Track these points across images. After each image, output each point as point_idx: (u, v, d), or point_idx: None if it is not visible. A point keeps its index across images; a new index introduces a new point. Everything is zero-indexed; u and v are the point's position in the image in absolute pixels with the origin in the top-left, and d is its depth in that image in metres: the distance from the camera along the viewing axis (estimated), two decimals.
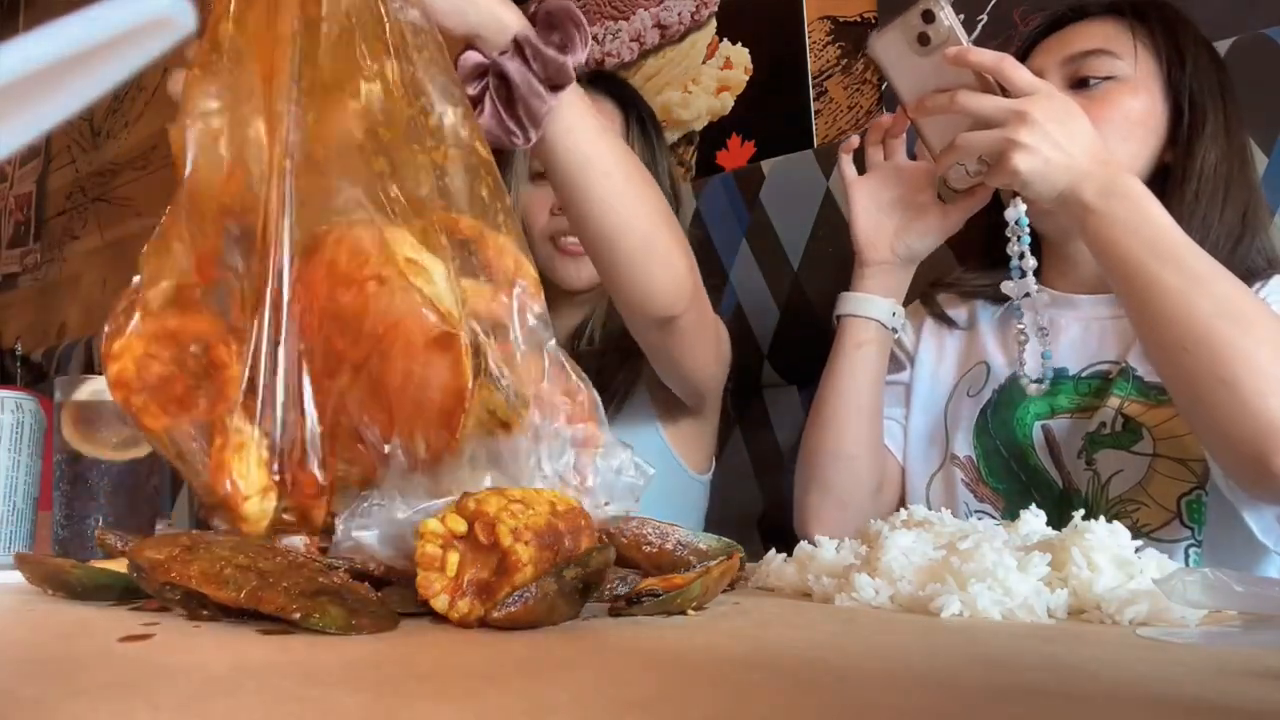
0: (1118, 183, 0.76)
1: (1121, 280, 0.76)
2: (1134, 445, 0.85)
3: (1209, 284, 0.73)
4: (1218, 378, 0.71)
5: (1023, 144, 0.75)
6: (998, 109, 0.77)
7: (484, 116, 0.72)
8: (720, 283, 1.32)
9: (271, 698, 0.28)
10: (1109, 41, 0.91)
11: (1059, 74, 0.91)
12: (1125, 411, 0.86)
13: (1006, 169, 0.77)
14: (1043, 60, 0.94)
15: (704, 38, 1.64)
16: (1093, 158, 0.76)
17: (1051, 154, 0.76)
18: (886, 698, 0.29)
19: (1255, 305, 0.73)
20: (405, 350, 0.51)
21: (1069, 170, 0.76)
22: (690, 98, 1.64)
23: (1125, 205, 0.75)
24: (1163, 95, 0.91)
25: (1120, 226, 0.75)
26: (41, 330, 3.00)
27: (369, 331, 0.51)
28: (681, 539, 0.58)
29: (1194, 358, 0.72)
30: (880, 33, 0.83)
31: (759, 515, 1.28)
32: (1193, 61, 0.91)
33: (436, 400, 0.50)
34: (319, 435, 0.52)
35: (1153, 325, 0.75)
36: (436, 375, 0.50)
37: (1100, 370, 0.90)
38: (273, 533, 0.52)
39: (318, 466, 0.52)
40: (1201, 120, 0.89)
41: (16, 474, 0.73)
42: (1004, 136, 0.76)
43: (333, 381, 0.52)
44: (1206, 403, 0.73)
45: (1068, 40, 0.93)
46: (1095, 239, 0.77)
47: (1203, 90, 0.90)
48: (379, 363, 0.51)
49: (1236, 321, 0.72)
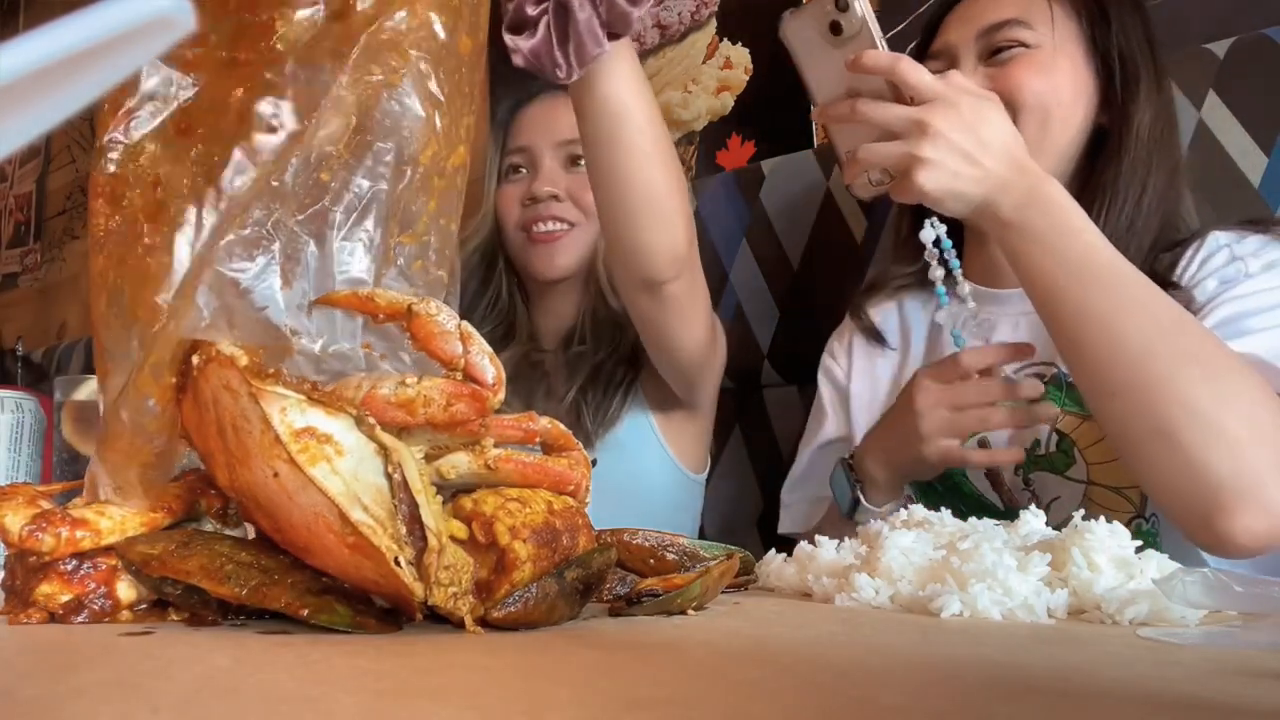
0: (1038, 193, 0.70)
1: (1044, 306, 0.71)
2: (1068, 470, 0.81)
3: (1139, 311, 0.66)
4: (1153, 428, 0.64)
5: (925, 159, 0.69)
6: (898, 119, 0.71)
7: (536, 40, 0.71)
8: (720, 283, 1.33)
9: (271, 698, 0.28)
10: (1022, 8, 0.85)
11: (972, 49, 0.86)
12: (1059, 427, 0.82)
13: (911, 187, 0.70)
14: (954, 34, 0.88)
15: (704, 38, 1.64)
16: (1010, 164, 0.70)
17: (960, 167, 0.69)
18: (887, 697, 0.29)
19: (1191, 334, 0.66)
20: (333, 553, 0.41)
21: (981, 182, 0.70)
22: (690, 98, 1.64)
23: (1046, 219, 0.69)
24: (1086, 57, 0.85)
25: (1040, 244, 0.69)
26: (41, 330, 3.00)
27: (287, 523, 0.42)
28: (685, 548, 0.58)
29: (1125, 403, 0.66)
30: (792, 15, 0.76)
31: (759, 515, 1.28)
32: (1116, 15, 0.85)
33: (388, 591, 0.42)
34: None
35: (1080, 362, 0.69)
36: (375, 575, 0.41)
37: (1035, 372, 0.85)
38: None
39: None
40: (1135, 78, 0.84)
41: (16, 474, 0.73)
42: (906, 151, 0.70)
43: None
44: (1142, 455, 0.66)
45: (978, 11, 0.88)
46: (1014, 256, 0.71)
47: (1130, 44, 0.85)
48: (319, 555, 0.42)
49: (1171, 357, 0.64)
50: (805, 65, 0.77)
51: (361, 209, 0.47)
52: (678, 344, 0.98)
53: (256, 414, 0.40)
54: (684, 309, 0.93)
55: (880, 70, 0.72)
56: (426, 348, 0.45)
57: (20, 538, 0.45)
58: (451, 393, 0.44)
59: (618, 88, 0.77)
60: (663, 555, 0.57)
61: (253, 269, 0.44)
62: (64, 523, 0.45)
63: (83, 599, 0.45)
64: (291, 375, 0.43)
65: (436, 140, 0.49)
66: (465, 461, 0.45)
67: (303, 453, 0.40)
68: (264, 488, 0.41)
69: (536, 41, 0.71)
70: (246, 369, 0.41)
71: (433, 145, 0.49)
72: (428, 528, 0.41)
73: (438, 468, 0.45)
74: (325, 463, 0.40)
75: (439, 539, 0.41)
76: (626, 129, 0.79)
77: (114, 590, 0.46)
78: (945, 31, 0.90)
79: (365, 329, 0.48)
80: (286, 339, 0.45)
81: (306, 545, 0.42)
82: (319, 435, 0.40)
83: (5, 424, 0.73)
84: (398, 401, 0.44)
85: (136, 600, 0.46)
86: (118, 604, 0.46)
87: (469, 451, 0.46)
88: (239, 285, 0.44)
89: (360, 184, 0.47)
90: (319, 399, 0.42)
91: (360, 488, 0.40)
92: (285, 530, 0.42)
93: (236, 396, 0.41)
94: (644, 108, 0.80)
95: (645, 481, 1.11)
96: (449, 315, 0.45)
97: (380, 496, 0.41)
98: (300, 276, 0.45)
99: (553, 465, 0.48)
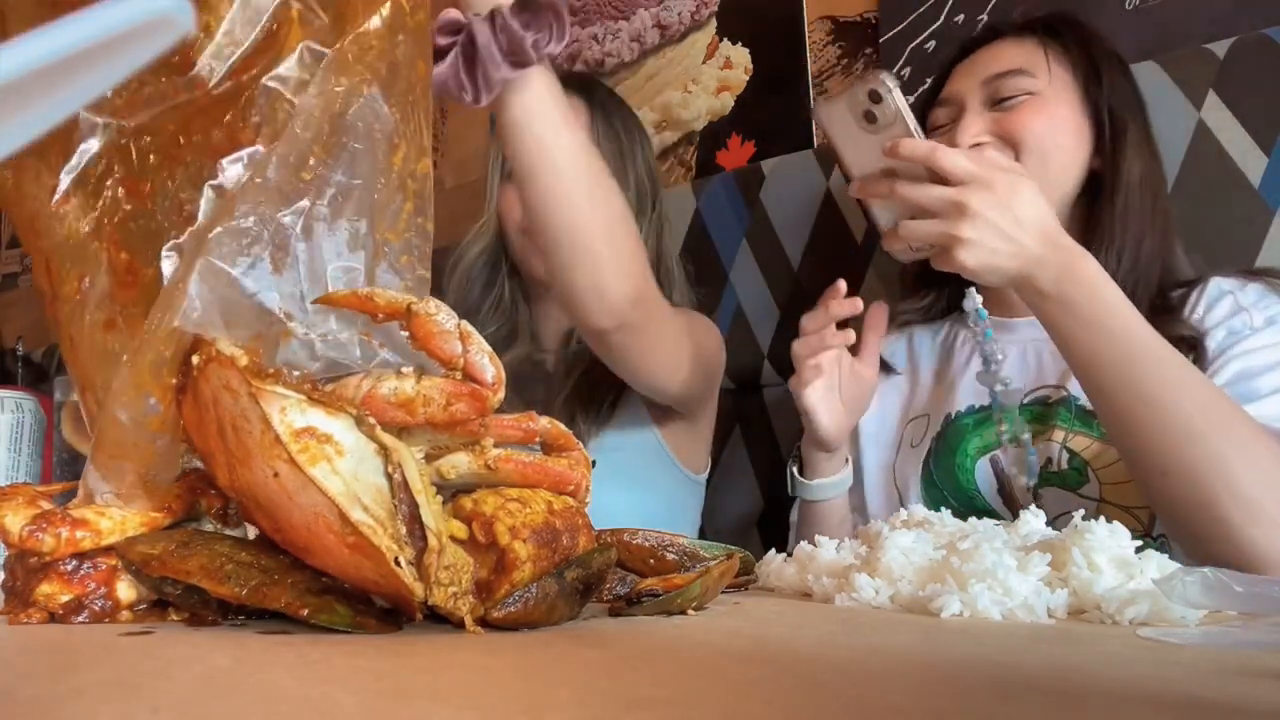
0: (1074, 268, 0.73)
1: (1085, 376, 0.74)
2: (1080, 488, 0.84)
3: (1179, 389, 0.70)
4: (1199, 503, 0.69)
5: (964, 239, 0.72)
6: (936, 201, 0.74)
7: (444, 66, 0.73)
8: (720, 283, 1.33)
9: (271, 698, 0.28)
10: (1024, 62, 0.92)
11: (978, 95, 0.92)
12: (1070, 446, 0.85)
13: (952, 262, 0.74)
14: (960, 84, 0.95)
15: (704, 38, 1.64)
16: (1044, 240, 0.73)
17: (997, 244, 0.72)
18: (887, 696, 0.29)
19: (1224, 410, 0.70)
20: (333, 553, 0.41)
21: (1017, 257, 0.73)
22: (690, 98, 1.64)
23: (1082, 292, 0.72)
24: (1081, 108, 0.91)
25: (1079, 318, 0.72)
26: (42, 330, 3.00)
27: (287, 523, 0.42)
28: (685, 548, 0.58)
29: (1176, 482, 0.70)
30: (826, 102, 0.80)
31: (759, 515, 1.28)
32: (1108, 76, 0.92)
33: (388, 591, 0.42)
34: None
35: (1128, 438, 0.73)
36: (375, 575, 0.41)
37: (1041, 395, 0.90)
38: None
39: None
40: (1123, 130, 0.90)
41: (16, 473, 0.73)
42: (945, 232, 0.74)
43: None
44: (1191, 527, 0.70)
45: (983, 63, 0.94)
46: (1054, 328, 0.75)
47: (1120, 102, 0.91)
48: (318, 555, 0.42)
49: (1213, 437, 0.68)
50: (841, 145, 0.80)
51: (344, 203, 0.47)
52: (645, 384, 0.97)
53: (256, 414, 0.40)
54: (639, 356, 0.91)
55: (918, 159, 0.75)
56: (426, 347, 0.45)
57: (20, 538, 0.45)
58: (451, 392, 0.44)
59: (533, 126, 0.76)
60: (663, 555, 0.57)
61: (244, 259, 0.44)
62: (64, 523, 0.45)
63: (83, 599, 0.45)
64: (290, 371, 0.43)
65: (405, 143, 0.50)
66: (465, 461, 0.45)
67: (303, 453, 0.40)
68: (264, 488, 0.41)
69: (445, 67, 0.73)
70: (246, 369, 0.41)
71: (402, 148, 0.50)
72: (428, 528, 0.41)
73: (438, 468, 0.45)
74: (325, 463, 0.40)
75: (439, 539, 0.41)
76: (540, 166, 0.78)
77: (114, 590, 0.46)
78: (953, 81, 0.96)
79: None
80: (281, 323, 0.45)
81: (306, 545, 0.42)
82: (319, 435, 0.40)
83: (5, 424, 0.73)
84: (398, 401, 0.44)
85: (136, 600, 0.46)
86: (118, 604, 0.46)
87: (469, 451, 0.46)
88: (230, 274, 0.44)
89: (339, 179, 0.47)
90: (319, 399, 0.42)
91: (360, 488, 0.40)
92: (285, 530, 0.42)
93: (236, 396, 0.41)
94: (561, 147, 0.78)
95: (646, 482, 1.11)
96: (448, 315, 0.45)
97: (380, 496, 0.41)
98: (290, 266, 0.45)
99: (553, 465, 0.48)
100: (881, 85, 0.76)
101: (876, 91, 0.76)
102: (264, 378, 0.41)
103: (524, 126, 0.77)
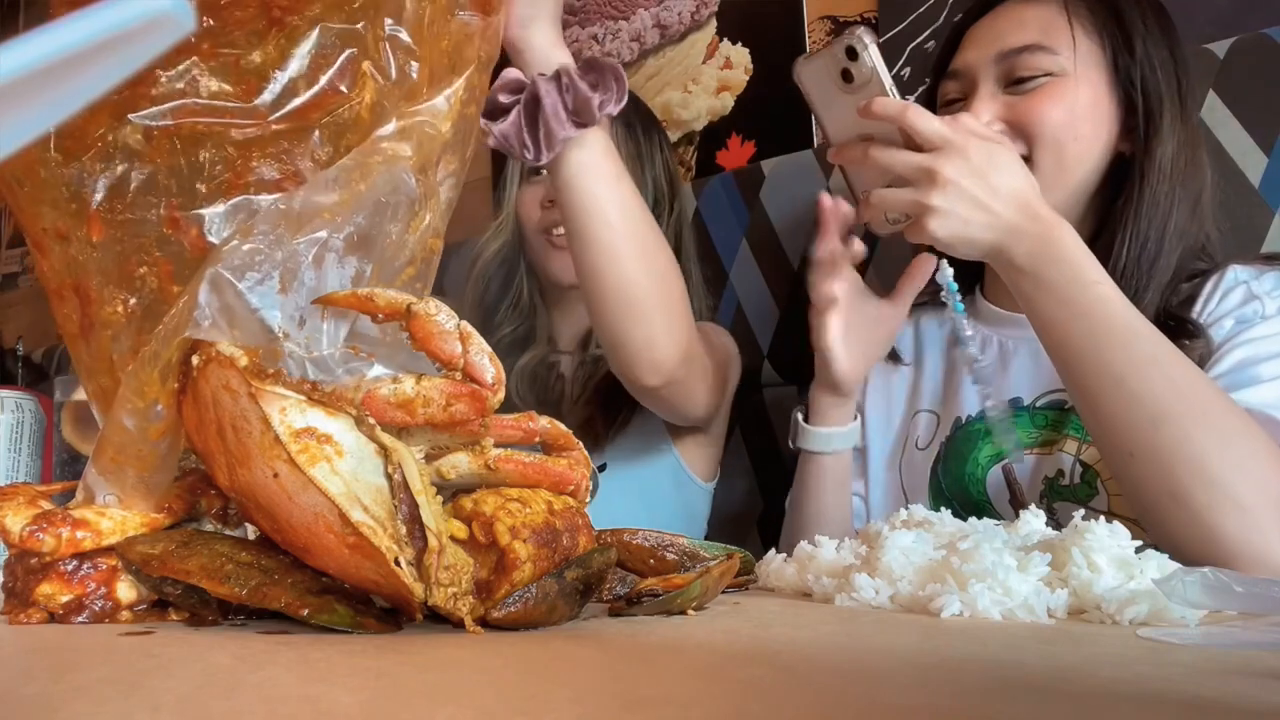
0: (1051, 242, 0.70)
1: (1057, 355, 0.72)
2: (1090, 500, 0.82)
3: (1153, 370, 0.67)
4: (1167, 490, 0.66)
5: (935, 207, 0.70)
6: (908, 166, 0.71)
7: (507, 124, 0.74)
8: (720, 283, 1.33)
9: (271, 697, 0.28)
10: (1044, 33, 0.83)
11: (991, 72, 0.85)
12: (1083, 458, 0.82)
13: (923, 233, 0.72)
14: (973, 54, 0.87)
15: (704, 38, 1.64)
16: (1022, 210, 0.70)
17: (970, 214, 0.70)
18: (887, 696, 0.29)
19: (1204, 394, 0.67)
20: (333, 553, 0.41)
21: (991, 228, 0.70)
22: (690, 98, 1.64)
23: (1058, 268, 0.70)
24: (1109, 84, 0.84)
25: (1052, 294, 0.70)
26: (41, 330, 3.00)
27: (287, 524, 0.42)
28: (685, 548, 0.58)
29: (1141, 465, 0.67)
30: (805, 61, 0.78)
31: (759, 515, 1.28)
32: (1141, 42, 0.83)
33: (388, 591, 0.42)
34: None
35: (1095, 418, 0.70)
36: (375, 575, 0.41)
37: (1055, 400, 0.86)
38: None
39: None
40: (1158, 110, 0.82)
41: (16, 473, 0.73)
42: (916, 199, 0.71)
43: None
44: (1156, 514, 0.68)
45: (999, 31, 0.86)
46: (1027, 303, 0.72)
47: (1155, 74, 0.83)
48: (319, 555, 0.43)
49: (1186, 420, 0.65)
50: (819, 107, 0.79)
51: (358, 244, 0.49)
52: (682, 416, 1.00)
53: (256, 414, 0.40)
54: (681, 403, 0.94)
55: (890, 117, 0.72)
56: (426, 347, 0.45)
57: (21, 538, 0.45)
58: (451, 393, 0.44)
59: (587, 180, 0.77)
60: (663, 555, 0.57)
61: (253, 274, 0.45)
62: (64, 523, 0.45)
63: (83, 599, 0.45)
64: (291, 376, 0.43)
65: (430, 215, 0.53)
66: (465, 461, 0.45)
67: (303, 453, 0.40)
68: (264, 488, 0.41)
69: (507, 125, 0.74)
70: (246, 369, 0.41)
71: (424, 218, 0.52)
72: (428, 528, 0.41)
73: (438, 468, 0.45)
74: (325, 463, 0.40)
75: (439, 539, 0.41)
76: (594, 222, 0.78)
77: (114, 590, 0.46)
78: (965, 49, 0.89)
79: (349, 335, 0.49)
80: (278, 340, 0.45)
81: (306, 545, 0.42)
82: (319, 436, 0.40)
83: (5, 424, 0.73)
84: (397, 401, 0.44)
85: (136, 600, 0.46)
86: (118, 604, 0.46)
87: (469, 451, 0.46)
88: (237, 286, 0.44)
89: (359, 221, 0.49)
90: (319, 399, 0.42)
91: (360, 488, 0.40)
92: (285, 530, 0.42)
93: (236, 397, 0.41)
94: (617, 201, 0.79)
95: (656, 489, 1.11)
96: (448, 315, 0.45)
97: (380, 497, 0.41)
98: (295, 290, 0.46)
99: (553, 465, 0.48)
100: (858, 41, 0.74)
101: (853, 48, 0.74)
102: (264, 378, 0.42)
103: (581, 183, 0.77)
